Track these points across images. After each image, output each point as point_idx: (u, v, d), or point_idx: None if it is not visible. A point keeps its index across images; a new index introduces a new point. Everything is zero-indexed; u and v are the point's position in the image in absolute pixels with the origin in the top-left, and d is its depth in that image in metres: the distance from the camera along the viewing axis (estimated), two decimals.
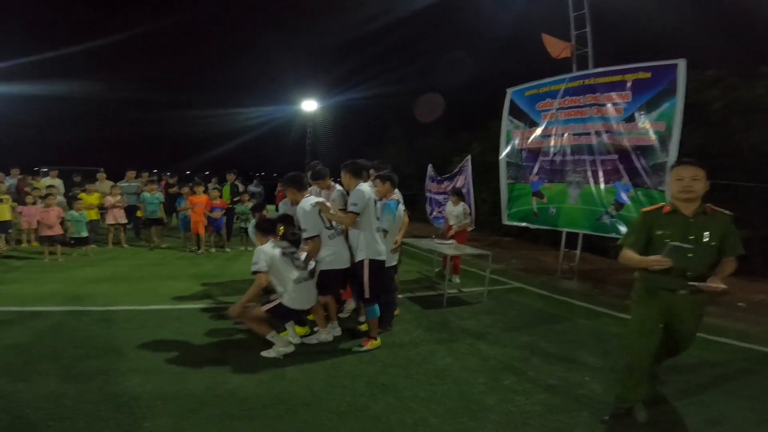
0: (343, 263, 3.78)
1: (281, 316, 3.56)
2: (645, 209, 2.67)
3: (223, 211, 8.37)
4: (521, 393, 3.03)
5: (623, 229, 6.19)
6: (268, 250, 3.51)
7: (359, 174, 3.82)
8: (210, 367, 3.24)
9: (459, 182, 8.82)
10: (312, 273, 3.74)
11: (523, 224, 7.80)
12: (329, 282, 3.79)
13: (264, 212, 5.09)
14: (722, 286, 2.30)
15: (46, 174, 10.89)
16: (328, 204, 3.81)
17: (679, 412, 2.84)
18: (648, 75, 5.93)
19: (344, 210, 3.82)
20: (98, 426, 2.42)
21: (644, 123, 5.95)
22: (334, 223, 3.77)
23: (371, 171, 4.49)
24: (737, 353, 4.01)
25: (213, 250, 8.26)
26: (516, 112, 7.83)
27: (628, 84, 6.13)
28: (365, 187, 3.73)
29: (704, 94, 8.43)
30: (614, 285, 6.56)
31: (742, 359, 3.88)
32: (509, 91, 7.96)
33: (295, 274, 3.53)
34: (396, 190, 4.48)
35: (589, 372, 3.41)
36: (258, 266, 3.41)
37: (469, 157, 8.76)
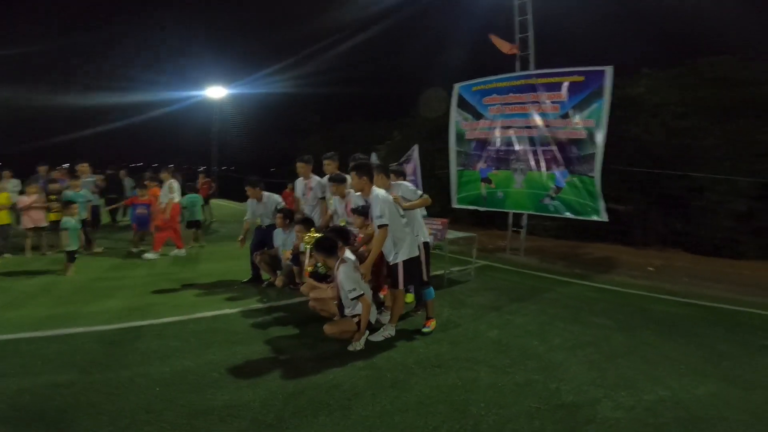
0: (418, 250, 3.82)
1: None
2: None
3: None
4: (567, 349, 3.60)
5: (562, 209, 7.35)
6: (354, 274, 3.57)
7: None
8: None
9: (408, 170, 9.16)
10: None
11: (472, 207, 8.62)
12: (412, 269, 3.74)
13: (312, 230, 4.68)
14: None
15: None
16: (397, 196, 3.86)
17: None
18: (582, 78, 7.02)
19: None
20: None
21: (577, 120, 7.05)
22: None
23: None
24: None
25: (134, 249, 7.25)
26: (464, 105, 8.52)
27: (565, 85, 7.20)
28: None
29: None
30: (556, 258, 7.77)
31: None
32: (457, 86, 8.59)
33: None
34: None
35: (600, 329, 4.14)
36: (357, 292, 3.54)
37: (416, 146, 9.13)
